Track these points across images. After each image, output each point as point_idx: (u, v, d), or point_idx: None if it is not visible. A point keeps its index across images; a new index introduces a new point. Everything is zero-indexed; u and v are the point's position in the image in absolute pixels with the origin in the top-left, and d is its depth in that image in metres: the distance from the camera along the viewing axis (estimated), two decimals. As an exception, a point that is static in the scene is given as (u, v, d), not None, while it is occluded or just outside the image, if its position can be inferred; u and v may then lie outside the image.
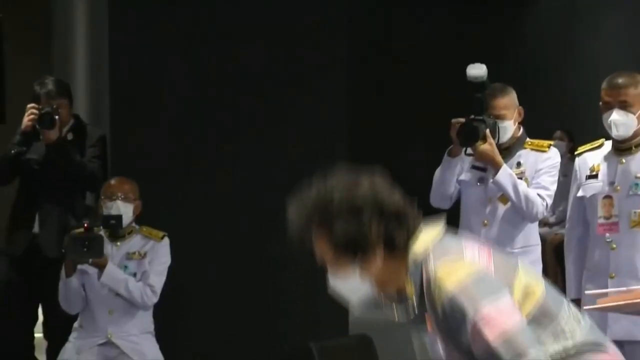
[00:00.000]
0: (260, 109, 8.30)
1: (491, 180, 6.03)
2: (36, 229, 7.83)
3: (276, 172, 8.15)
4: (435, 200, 6.27)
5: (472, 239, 3.46)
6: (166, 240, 7.19)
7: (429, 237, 3.36)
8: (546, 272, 6.79)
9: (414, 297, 3.36)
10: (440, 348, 3.47)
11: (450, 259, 3.28)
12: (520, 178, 5.97)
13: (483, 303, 3.17)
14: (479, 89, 6.01)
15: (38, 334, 8.28)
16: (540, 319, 3.30)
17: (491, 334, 3.15)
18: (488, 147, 5.98)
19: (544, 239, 6.60)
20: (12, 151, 7.67)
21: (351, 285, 3.42)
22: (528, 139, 6.13)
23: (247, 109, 8.27)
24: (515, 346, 3.15)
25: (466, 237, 3.45)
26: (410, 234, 3.35)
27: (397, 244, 3.33)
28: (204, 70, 8.30)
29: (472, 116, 6.04)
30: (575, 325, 3.36)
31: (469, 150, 6.09)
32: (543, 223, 6.52)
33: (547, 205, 6.00)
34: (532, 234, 6.09)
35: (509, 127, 6.04)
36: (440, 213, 4.29)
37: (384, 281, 3.39)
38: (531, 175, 6.02)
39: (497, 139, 5.99)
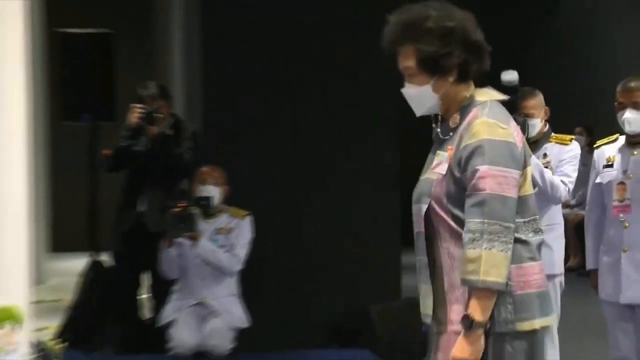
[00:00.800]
0: (355, 105, 8.21)
1: (522, 169, 5.94)
2: (141, 209, 7.99)
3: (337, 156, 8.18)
4: None
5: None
6: (248, 218, 7.34)
7: (493, 94, 3.27)
8: (568, 247, 6.70)
9: (455, 125, 3.25)
10: (435, 165, 3.35)
11: (499, 120, 3.15)
12: (546, 167, 5.87)
13: (499, 164, 3.09)
14: (512, 92, 5.84)
15: (143, 296, 8.48)
16: (519, 206, 3.17)
17: (488, 187, 3.06)
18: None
19: (566, 219, 6.52)
20: (122, 144, 7.80)
21: (420, 97, 3.29)
22: (553, 134, 6.03)
23: (333, 107, 8.22)
24: (499, 208, 3.07)
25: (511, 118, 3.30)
26: (481, 71, 3.26)
27: (468, 75, 3.24)
28: (288, 71, 8.20)
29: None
30: (531, 231, 3.24)
31: None
32: (565, 205, 6.53)
33: (569, 190, 5.88)
34: (556, 214, 5.97)
35: (537, 124, 5.96)
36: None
37: (449, 102, 3.28)
38: (555, 164, 5.92)
39: (526, 134, 5.81)
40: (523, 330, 3.11)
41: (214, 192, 7.38)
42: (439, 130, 3.31)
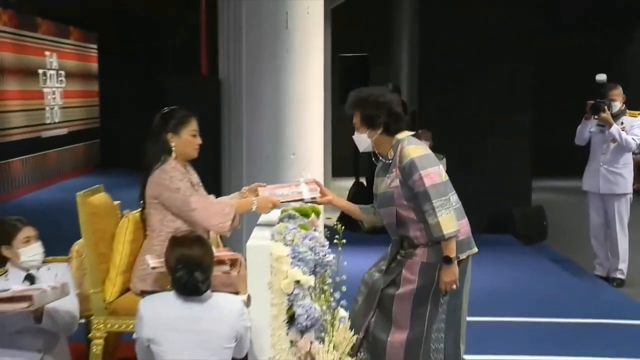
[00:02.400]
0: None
1: (607, 132, 5.94)
2: None
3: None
4: (577, 141, 6.18)
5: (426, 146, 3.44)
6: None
7: (407, 133, 3.37)
8: (635, 178, 6.37)
9: (392, 157, 3.33)
10: (390, 183, 3.33)
11: (416, 146, 3.30)
12: (623, 130, 5.90)
13: (426, 167, 3.22)
14: (602, 86, 6.03)
15: None
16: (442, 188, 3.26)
17: (427, 182, 3.19)
18: (606, 115, 5.92)
19: (634, 160, 6.34)
20: None
21: (362, 141, 3.36)
22: (627, 111, 6.05)
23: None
24: (440, 190, 3.20)
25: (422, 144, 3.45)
26: (399, 129, 3.35)
27: (390, 130, 3.34)
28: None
29: (598, 99, 5.97)
30: (451, 204, 3.27)
31: (596, 117, 5.99)
32: (634, 153, 6.63)
33: (637, 144, 5.91)
34: (628, 158, 6.02)
35: (618, 106, 6.00)
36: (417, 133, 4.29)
37: (378, 145, 3.37)
38: (629, 129, 5.93)
39: (611, 110, 5.96)
40: (461, 259, 3.27)
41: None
42: (381, 161, 3.40)
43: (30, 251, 3.27)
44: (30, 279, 3.29)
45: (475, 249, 3.39)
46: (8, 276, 3.27)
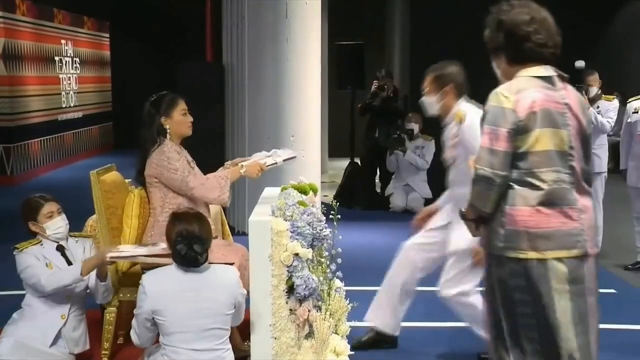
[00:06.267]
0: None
1: (582, 114, 5.84)
2: (376, 135, 8.02)
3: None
4: None
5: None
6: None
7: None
8: (609, 158, 6.23)
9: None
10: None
11: (500, 92, 2.35)
12: (599, 113, 5.80)
13: (486, 125, 2.31)
14: (580, 72, 5.87)
15: (376, 180, 8.31)
16: (534, 159, 2.28)
17: (483, 143, 2.31)
18: (584, 100, 5.82)
19: (608, 141, 6.23)
20: (367, 102, 8.05)
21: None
22: (603, 95, 5.97)
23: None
24: (488, 158, 2.27)
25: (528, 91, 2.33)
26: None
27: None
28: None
29: (577, 85, 5.47)
30: (551, 182, 2.28)
31: None
32: (608, 134, 6.52)
33: (611, 126, 5.86)
34: (603, 139, 5.93)
35: (594, 90, 5.92)
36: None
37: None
38: (604, 112, 5.84)
39: (588, 95, 5.85)
40: (510, 257, 2.29)
41: (415, 127, 7.48)
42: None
43: (54, 225, 3.30)
44: (61, 249, 3.35)
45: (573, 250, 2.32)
46: (44, 245, 3.30)
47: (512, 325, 2.33)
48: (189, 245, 2.74)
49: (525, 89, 2.31)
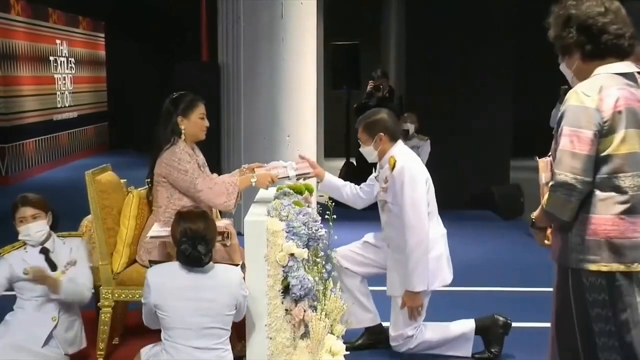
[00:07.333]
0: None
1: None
2: None
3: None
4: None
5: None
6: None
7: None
8: None
9: None
10: None
11: (581, 91, 2.13)
12: None
13: (567, 126, 2.11)
14: None
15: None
16: (618, 162, 2.10)
17: (563, 146, 2.10)
18: None
19: None
20: (363, 101, 8.00)
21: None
22: None
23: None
24: (569, 162, 2.08)
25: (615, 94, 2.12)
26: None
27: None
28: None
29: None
30: (635, 187, 2.10)
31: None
32: None
33: None
34: None
35: None
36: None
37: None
38: None
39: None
40: (590, 269, 2.11)
41: (410, 127, 7.16)
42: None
43: (25, 230, 3.28)
44: (44, 252, 3.32)
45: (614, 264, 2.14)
46: (27, 249, 3.31)
47: (590, 348, 2.12)
48: (193, 245, 2.74)
49: (608, 87, 2.12)
